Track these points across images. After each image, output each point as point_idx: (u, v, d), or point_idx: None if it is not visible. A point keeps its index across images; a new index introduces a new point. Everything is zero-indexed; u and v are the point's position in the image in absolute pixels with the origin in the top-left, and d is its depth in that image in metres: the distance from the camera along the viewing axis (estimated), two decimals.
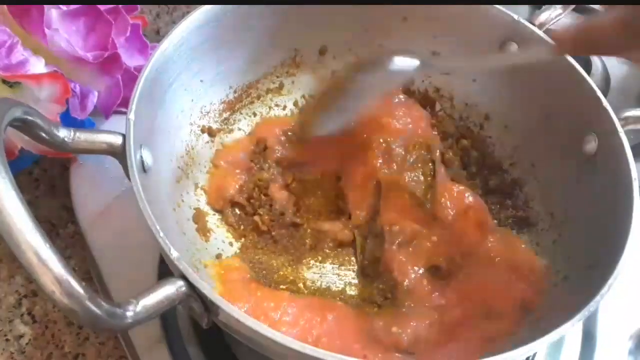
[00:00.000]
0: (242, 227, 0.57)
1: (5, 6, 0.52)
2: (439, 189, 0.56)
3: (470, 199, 0.55)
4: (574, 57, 0.53)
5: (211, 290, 0.37)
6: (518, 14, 0.56)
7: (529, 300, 0.49)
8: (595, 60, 0.75)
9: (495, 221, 0.57)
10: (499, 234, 0.54)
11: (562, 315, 0.40)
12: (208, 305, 0.37)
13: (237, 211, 0.57)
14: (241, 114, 0.62)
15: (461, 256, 0.53)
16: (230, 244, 0.56)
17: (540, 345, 0.38)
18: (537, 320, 0.47)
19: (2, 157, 0.32)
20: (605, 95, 0.51)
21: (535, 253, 0.53)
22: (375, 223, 0.56)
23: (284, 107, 0.64)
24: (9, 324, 0.54)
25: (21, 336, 0.54)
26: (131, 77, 0.58)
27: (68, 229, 0.60)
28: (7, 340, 0.54)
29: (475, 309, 0.50)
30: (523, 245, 0.54)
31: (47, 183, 0.63)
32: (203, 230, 0.54)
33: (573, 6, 0.61)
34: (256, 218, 0.56)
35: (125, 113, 0.44)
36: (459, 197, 0.56)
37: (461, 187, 0.56)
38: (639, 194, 0.45)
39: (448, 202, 0.55)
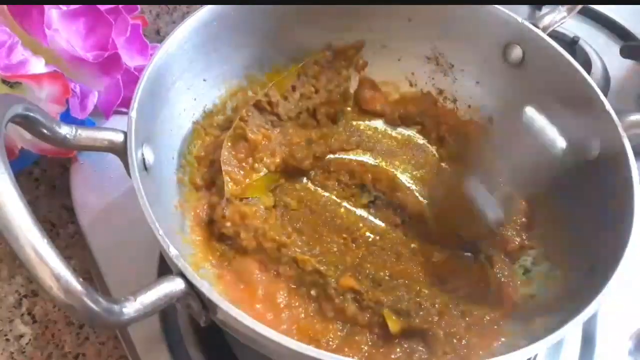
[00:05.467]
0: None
1: (5, 6, 0.52)
2: None
3: None
4: (575, 59, 0.54)
5: (209, 289, 0.37)
6: (517, 14, 0.56)
7: None
8: (596, 60, 0.75)
9: None
10: None
11: (562, 317, 0.40)
12: (206, 304, 0.37)
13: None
14: None
15: None
16: None
17: (541, 348, 0.38)
18: (537, 322, 0.47)
19: (2, 153, 0.32)
20: (605, 96, 0.51)
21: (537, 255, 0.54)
22: None
23: None
24: (9, 324, 0.54)
25: (21, 336, 0.54)
26: (131, 77, 0.58)
27: (68, 229, 0.61)
28: (7, 340, 0.54)
29: None
30: None
31: (47, 183, 0.63)
32: None
33: (578, 8, 0.60)
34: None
35: (125, 113, 0.44)
36: None
37: None
38: None
39: None
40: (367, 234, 0.57)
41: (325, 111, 0.62)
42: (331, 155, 0.61)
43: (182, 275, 0.37)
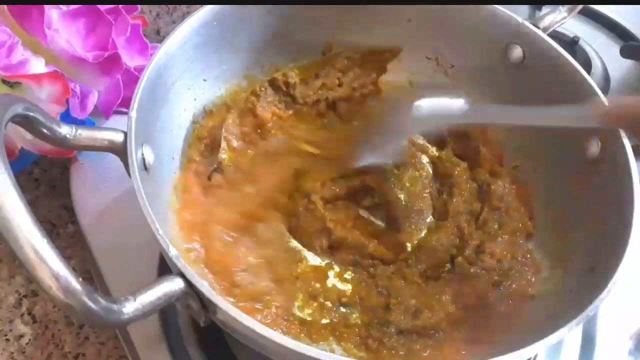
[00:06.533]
0: None
1: (5, 6, 0.52)
2: None
3: None
4: (575, 59, 0.54)
5: (209, 289, 0.37)
6: (517, 14, 0.56)
7: None
8: (595, 60, 0.75)
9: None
10: None
11: (562, 317, 0.40)
12: (205, 303, 0.37)
13: None
14: None
15: None
16: None
17: (541, 348, 0.38)
18: (537, 322, 0.47)
19: (2, 153, 0.32)
20: (605, 95, 0.51)
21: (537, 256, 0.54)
22: None
23: None
24: (9, 324, 0.54)
25: (21, 336, 0.54)
26: (131, 77, 0.58)
27: (68, 229, 0.60)
28: (7, 340, 0.54)
29: None
30: None
31: (47, 183, 0.63)
32: None
33: (578, 9, 0.60)
34: None
35: (125, 113, 0.44)
36: None
37: None
38: None
39: None
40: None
41: (345, 107, 0.62)
42: None
43: (182, 275, 0.37)
